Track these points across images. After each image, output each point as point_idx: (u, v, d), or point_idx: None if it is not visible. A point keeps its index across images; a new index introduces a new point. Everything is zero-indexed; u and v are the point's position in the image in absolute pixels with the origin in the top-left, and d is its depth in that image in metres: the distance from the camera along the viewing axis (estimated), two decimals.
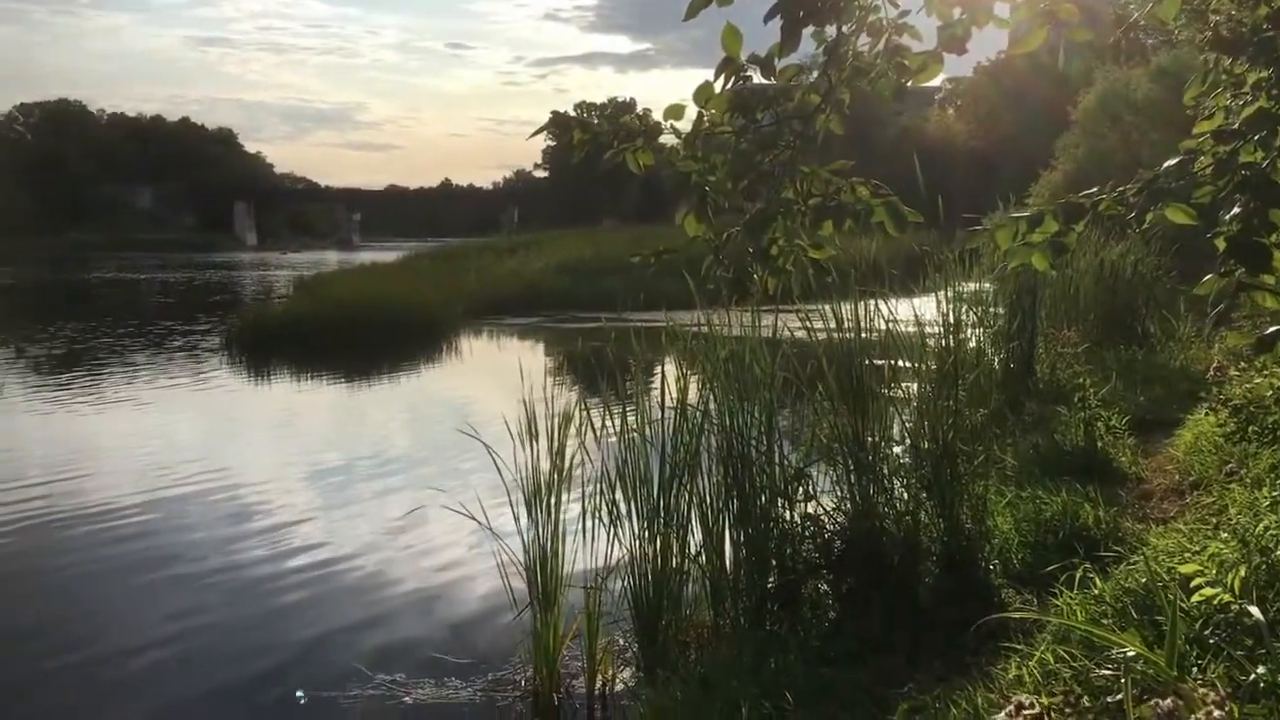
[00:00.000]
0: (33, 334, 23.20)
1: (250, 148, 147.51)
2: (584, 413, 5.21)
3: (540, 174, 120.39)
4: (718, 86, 2.95)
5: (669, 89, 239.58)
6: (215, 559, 7.42)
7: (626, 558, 5.05)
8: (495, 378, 17.32)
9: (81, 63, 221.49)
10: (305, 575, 7.05)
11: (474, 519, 5.14)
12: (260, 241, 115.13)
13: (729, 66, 2.87)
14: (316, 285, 27.59)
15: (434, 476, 9.56)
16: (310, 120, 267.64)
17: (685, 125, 3.21)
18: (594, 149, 3.13)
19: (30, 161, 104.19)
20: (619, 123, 3.05)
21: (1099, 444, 7.11)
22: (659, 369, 5.49)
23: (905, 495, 5.10)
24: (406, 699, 5.08)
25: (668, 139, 3.26)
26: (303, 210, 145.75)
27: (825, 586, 4.92)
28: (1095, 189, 3.28)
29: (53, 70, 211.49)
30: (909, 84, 3.00)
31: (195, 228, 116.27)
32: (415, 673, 5.34)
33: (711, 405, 5.14)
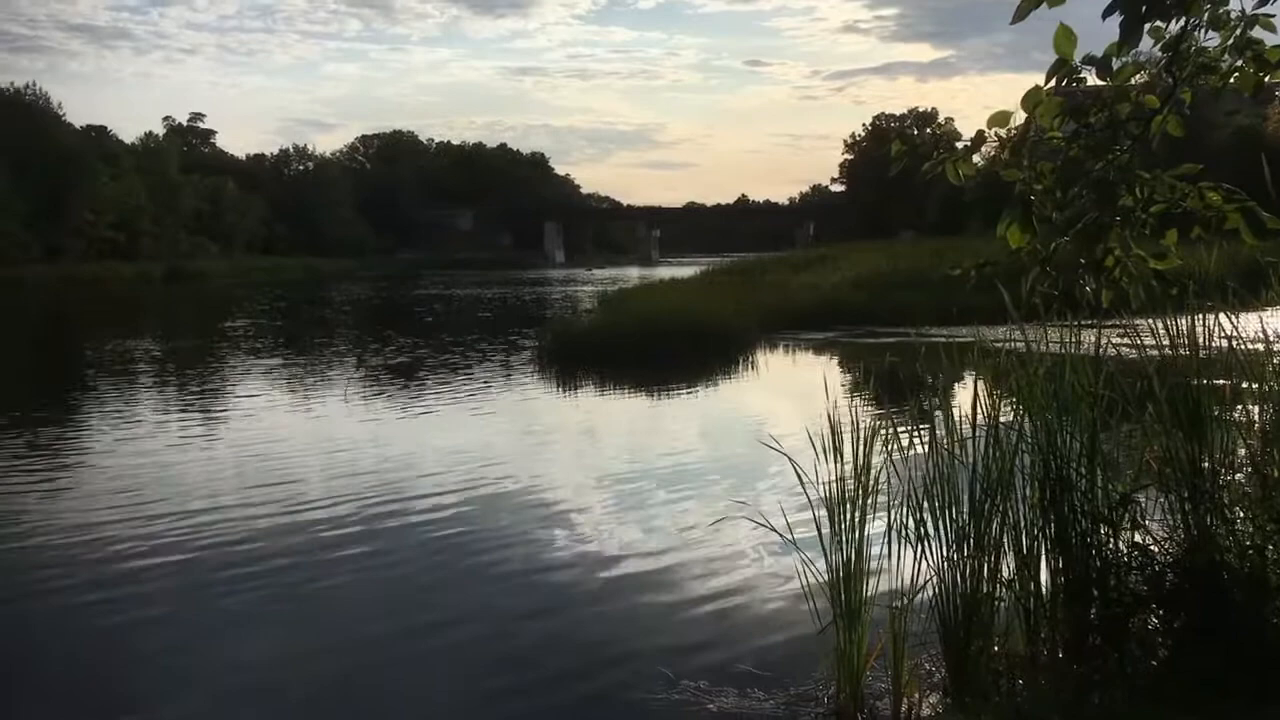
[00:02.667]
0: (370, 345, 25.56)
1: (560, 170, 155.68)
2: (890, 428, 5.11)
3: (837, 188, 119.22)
4: (1047, 90, 2.82)
5: (972, 97, 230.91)
6: (524, 559, 7.81)
7: (933, 579, 4.90)
8: (791, 391, 17.32)
9: (412, 95, 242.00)
10: (608, 578, 7.30)
11: (774, 530, 5.15)
12: (568, 258, 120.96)
13: (1061, 69, 2.75)
14: (619, 300, 28.67)
15: (731, 487, 9.69)
16: (613, 142, 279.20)
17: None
18: (913, 160, 3.08)
19: (368, 188, 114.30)
20: (940, 133, 2.98)
21: None
22: (966, 385, 5.30)
23: (1250, 528, 4.65)
24: (710, 706, 5.16)
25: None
26: (607, 228, 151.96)
27: (1155, 621, 4.56)
28: None
29: (388, 104, 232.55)
30: (1267, 79, 2.74)
31: (510, 246, 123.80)
32: (718, 681, 5.41)
33: (1027, 424, 4.91)
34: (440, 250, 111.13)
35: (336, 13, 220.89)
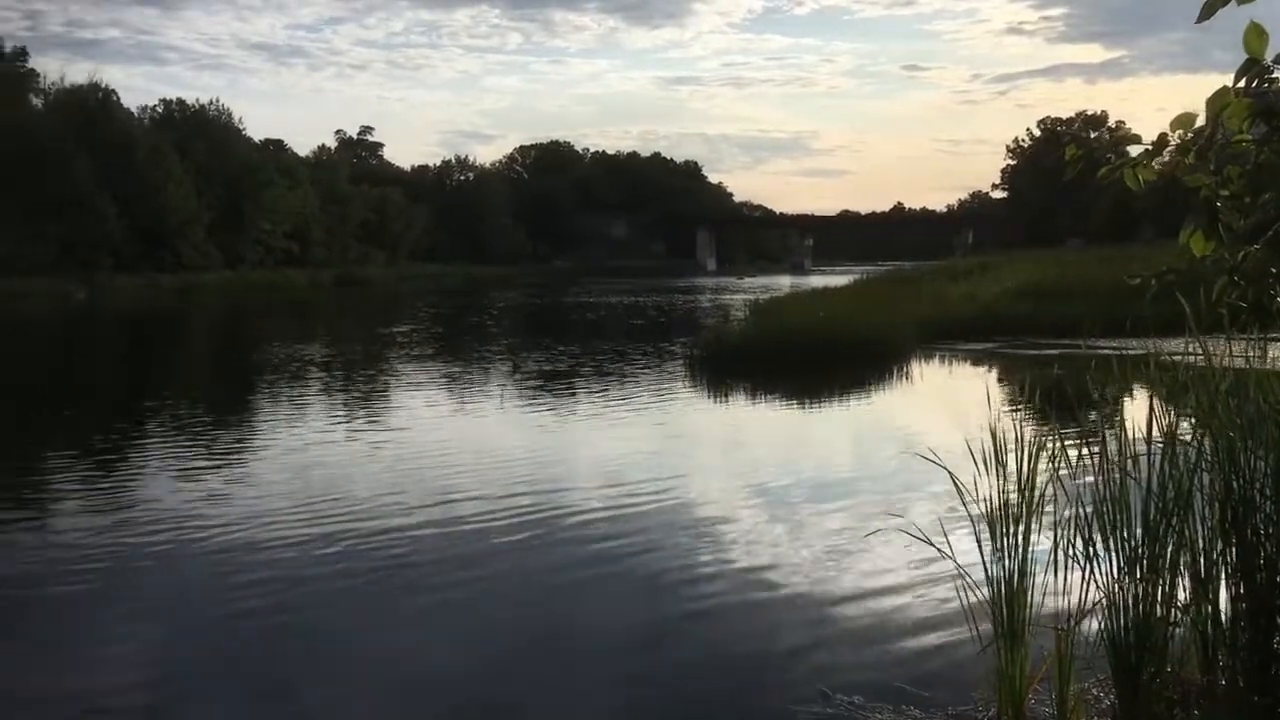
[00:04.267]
0: (525, 351, 26.14)
1: (713, 178, 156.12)
2: (1057, 442, 4.93)
3: (998, 194, 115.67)
4: (1236, 91, 2.69)
5: (1145, 99, 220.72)
6: (673, 569, 7.78)
7: (1102, 601, 4.70)
8: (948, 403, 16.89)
9: (569, 106, 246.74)
10: (758, 590, 7.24)
11: (931, 545, 5.04)
12: (720, 266, 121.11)
13: (1252, 68, 2.61)
14: (770, 308, 28.53)
15: (885, 500, 9.51)
16: (767, 149, 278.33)
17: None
18: (1087, 164, 2.97)
19: (526, 197, 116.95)
20: (1116, 136, 2.87)
21: None
22: (1138, 401, 5.07)
23: None
24: None
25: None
26: (759, 236, 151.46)
27: None
28: None
29: (546, 115, 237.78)
30: None
31: (662, 254, 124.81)
32: (873, 698, 5.32)
33: (1207, 442, 4.66)
34: (594, 258, 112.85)
35: (498, 27, 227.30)
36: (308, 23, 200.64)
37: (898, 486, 10.24)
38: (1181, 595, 4.64)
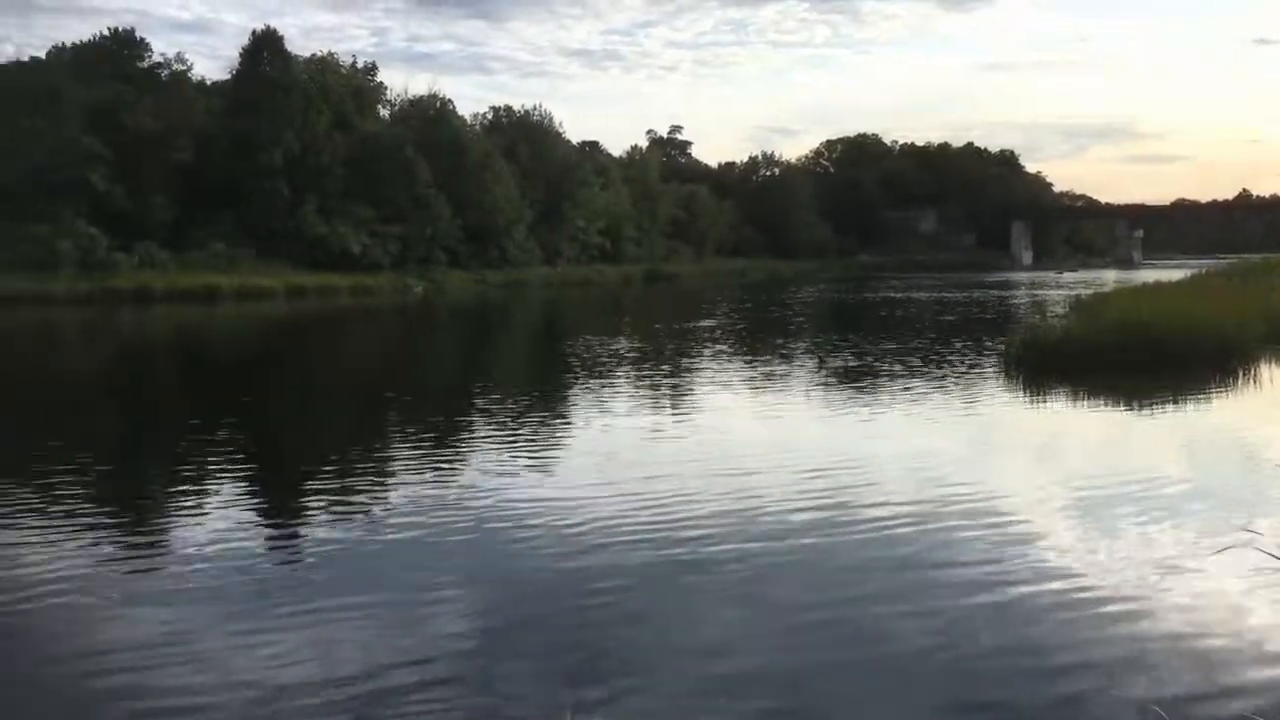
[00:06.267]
0: (829, 347, 25.94)
1: (1030, 167, 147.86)
2: None
3: None
4: None
5: None
6: (980, 577, 7.45)
7: None
8: None
9: (877, 98, 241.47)
10: (1079, 605, 6.82)
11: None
12: (1035, 260, 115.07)
13: None
14: (1094, 304, 26.74)
15: (1227, 514, 8.71)
16: (1088, 136, 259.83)
17: None
18: None
19: (831, 192, 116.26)
20: None
21: None
22: None
23: None
24: None
25: None
26: (1079, 228, 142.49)
27: None
28: None
29: (853, 108, 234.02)
30: None
31: (973, 248, 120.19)
32: None
33: None
34: (901, 252, 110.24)
35: (805, 21, 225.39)
36: (621, 27, 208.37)
37: (1241, 501, 9.35)
38: None
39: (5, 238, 46.55)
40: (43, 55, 57.23)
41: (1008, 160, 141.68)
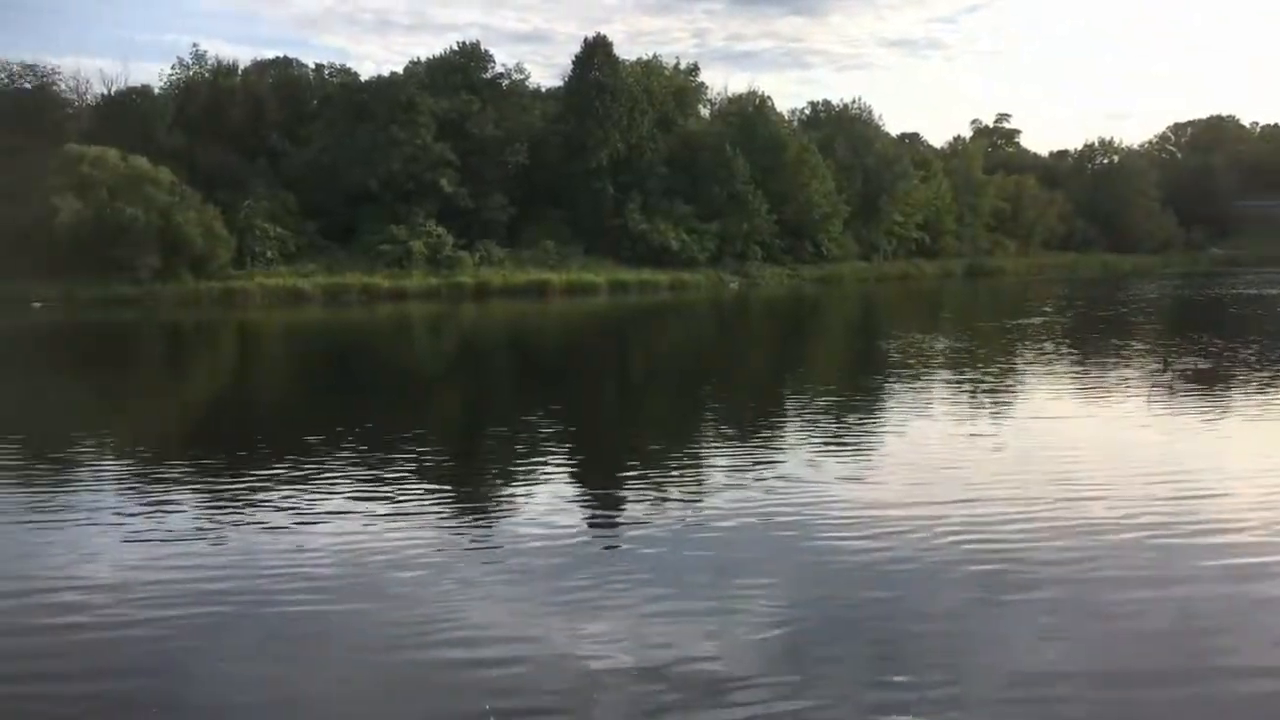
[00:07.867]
0: (1173, 347, 24.01)
1: None
2: None
3: None
4: None
5: None
6: None
7: None
8: None
9: (1234, 74, 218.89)
10: None
11: None
12: None
13: None
14: None
15: None
16: None
17: None
18: None
19: (1178, 180, 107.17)
20: None
21: None
22: None
23: None
24: None
25: None
26: None
27: None
28: None
29: (1207, 90, 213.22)
30: None
31: None
32: None
33: None
34: (1259, 245, 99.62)
35: None
36: (944, 14, 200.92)
37: None
38: None
39: (372, 237, 51.86)
40: (400, 70, 62.78)
41: None
